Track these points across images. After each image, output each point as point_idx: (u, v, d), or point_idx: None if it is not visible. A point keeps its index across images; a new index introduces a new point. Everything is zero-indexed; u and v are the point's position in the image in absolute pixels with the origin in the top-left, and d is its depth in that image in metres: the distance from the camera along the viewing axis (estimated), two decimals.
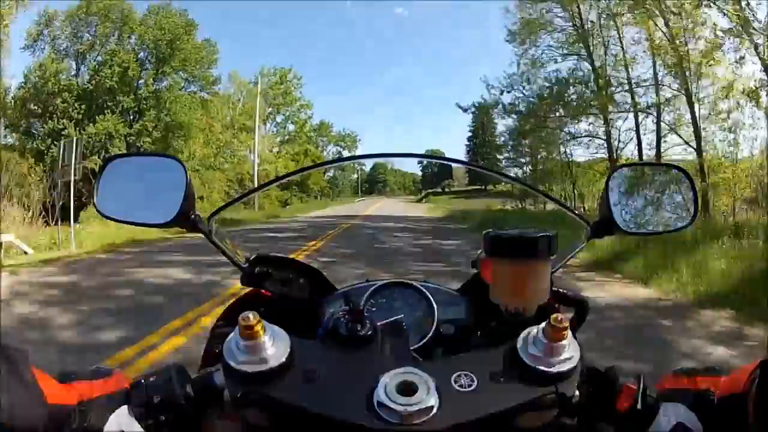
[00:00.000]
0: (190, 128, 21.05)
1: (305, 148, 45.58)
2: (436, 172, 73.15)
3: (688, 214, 0.74)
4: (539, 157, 18.56)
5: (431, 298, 0.73)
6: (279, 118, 41.61)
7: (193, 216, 0.63)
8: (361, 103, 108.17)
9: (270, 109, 38.58)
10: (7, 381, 0.34)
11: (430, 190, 70.40)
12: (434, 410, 0.39)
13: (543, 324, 0.43)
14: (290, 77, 41.65)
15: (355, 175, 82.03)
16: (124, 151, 17.82)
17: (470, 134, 62.23)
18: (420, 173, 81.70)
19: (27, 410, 0.35)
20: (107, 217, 0.65)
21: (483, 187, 55.57)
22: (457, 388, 0.41)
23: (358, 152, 60.03)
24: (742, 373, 0.40)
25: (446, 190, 68.45)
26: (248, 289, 0.73)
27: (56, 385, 0.39)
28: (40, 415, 0.36)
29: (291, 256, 0.79)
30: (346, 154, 59.49)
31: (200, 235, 0.64)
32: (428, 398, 0.39)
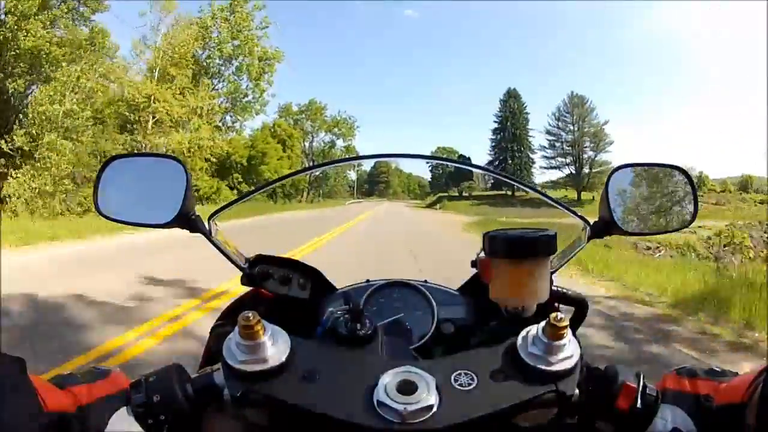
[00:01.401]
0: (42, 60, 12.34)
1: (275, 123, 33.34)
2: (451, 173, 61.85)
3: (687, 213, 0.75)
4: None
5: (431, 297, 0.73)
6: (228, 71, 26.59)
7: (193, 216, 0.63)
8: (366, 101, 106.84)
9: (204, 52, 24.51)
10: (5, 391, 0.34)
11: (443, 194, 60.00)
12: (434, 409, 0.39)
13: (543, 323, 0.43)
14: (249, 7, 25.50)
15: (353, 173, 68.23)
16: None
17: (497, 126, 52.87)
18: (429, 174, 72.05)
19: (27, 420, 0.35)
20: (107, 218, 0.65)
21: (510, 193, 47.51)
22: (457, 386, 0.41)
23: (356, 142, 50.83)
24: (742, 381, 0.40)
25: (464, 194, 56.97)
26: (248, 289, 0.73)
27: (55, 391, 0.39)
28: (40, 424, 0.36)
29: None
30: (340, 143, 49.57)
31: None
32: (428, 397, 0.39)
